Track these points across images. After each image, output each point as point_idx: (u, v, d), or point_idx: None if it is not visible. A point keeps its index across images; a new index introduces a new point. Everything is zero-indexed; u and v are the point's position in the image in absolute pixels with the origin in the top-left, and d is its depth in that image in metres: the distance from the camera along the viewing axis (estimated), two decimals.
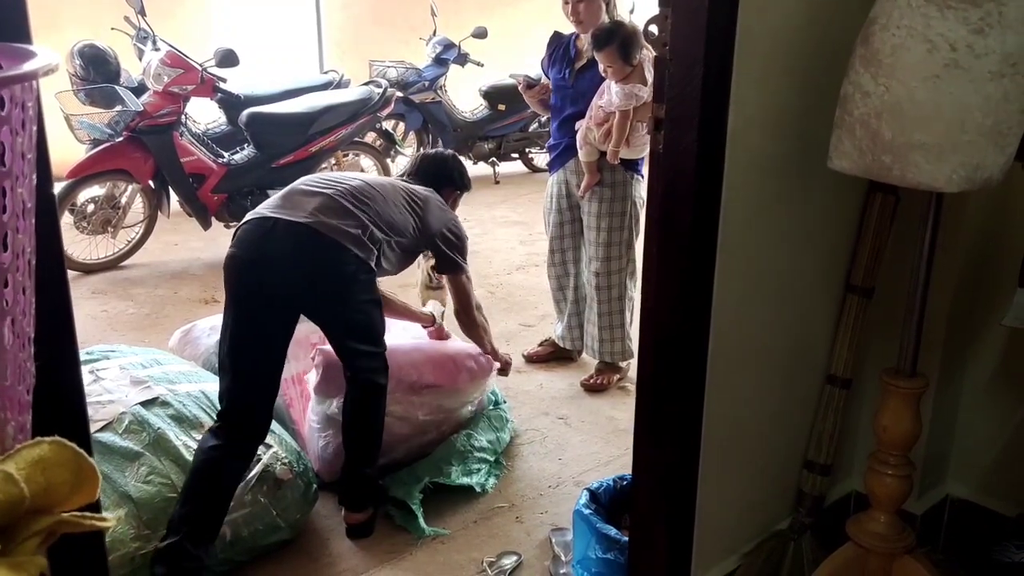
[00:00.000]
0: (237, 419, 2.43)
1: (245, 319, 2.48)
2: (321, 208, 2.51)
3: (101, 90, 4.83)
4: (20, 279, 0.72)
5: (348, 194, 2.59)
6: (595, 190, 3.50)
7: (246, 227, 2.54)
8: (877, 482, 1.78)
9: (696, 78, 1.59)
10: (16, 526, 0.63)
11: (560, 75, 3.53)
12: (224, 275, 2.53)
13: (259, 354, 2.49)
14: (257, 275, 2.47)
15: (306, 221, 2.47)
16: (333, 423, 2.80)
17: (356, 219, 2.55)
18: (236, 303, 2.49)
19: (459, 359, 3.17)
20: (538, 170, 7.67)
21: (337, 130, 5.30)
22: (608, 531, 2.23)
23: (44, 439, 0.67)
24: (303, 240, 2.46)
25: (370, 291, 2.62)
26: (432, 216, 2.84)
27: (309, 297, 2.53)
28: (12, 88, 0.68)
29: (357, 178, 2.76)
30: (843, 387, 2.04)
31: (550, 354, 3.96)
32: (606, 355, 3.65)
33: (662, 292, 1.79)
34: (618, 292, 3.60)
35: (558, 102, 3.60)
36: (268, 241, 2.47)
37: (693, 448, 1.88)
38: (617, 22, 3.33)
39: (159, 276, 5.00)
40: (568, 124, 3.53)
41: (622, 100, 3.30)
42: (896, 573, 1.82)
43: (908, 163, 1.42)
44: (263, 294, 2.47)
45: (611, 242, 3.52)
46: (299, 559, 2.58)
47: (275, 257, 2.46)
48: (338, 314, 2.59)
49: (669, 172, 1.71)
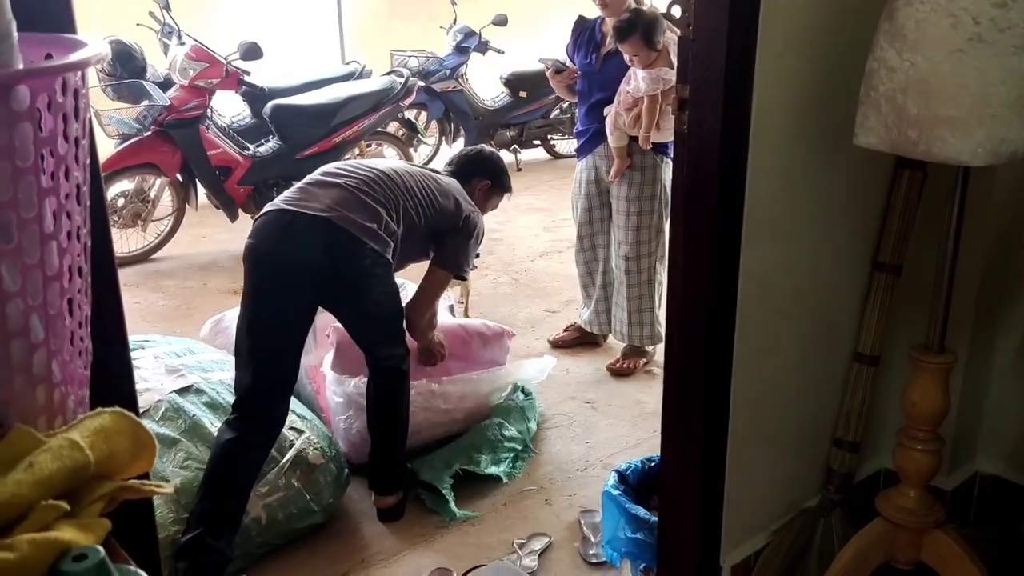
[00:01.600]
0: (254, 410, 2.44)
1: (263, 310, 2.48)
2: (337, 201, 2.50)
3: (128, 85, 4.90)
4: (77, 260, 0.76)
5: (365, 185, 2.57)
6: (625, 174, 3.50)
7: (264, 219, 2.54)
8: (906, 457, 1.79)
9: (720, 57, 1.60)
10: (82, 491, 0.66)
11: (586, 60, 3.53)
12: (244, 267, 2.55)
13: (277, 345, 2.50)
14: (274, 267, 2.48)
15: (322, 214, 2.46)
16: (353, 403, 2.83)
17: (372, 211, 2.53)
18: (254, 294, 2.50)
19: (469, 327, 3.20)
20: (560, 156, 7.68)
21: (360, 120, 5.33)
22: (637, 511, 2.25)
23: (104, 409, 0.70)
24: (319, 233, 2.45)
25: (387, 283, 2.61)
26: (451, 203, 2.76)
27: (326, 290, 2.53)
28: (65, 76, 0.71)
29: (376, 166, 2.72)
30: (871, 365, 2.04)
31: (576, 339, 3.98)
32: (635, 339, 3.66)
33: (688, 272, 1.80)
34: (647, 276, 3.60)
35: (585, 87, 3.60)
36: (285, 234, 2.47)
37: (721, 427, 1.89)
38: (636, 10, 3.32)
39: (188, 268, 5.07)
40: (596, 110, 3.53)
41: (649, 85, 3.29)
42: (926, 548, 1.82)
43: (934, 138, 1.43)
44: (281, 286, 2.47)
45: (640, 226, 3.53)
46: (332, 542, 2.62)
47: (292, 250, 2.46)
48: (355, 307, 2.60)
49: (694, 152, 1.72)
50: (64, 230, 0.73)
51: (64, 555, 0.61)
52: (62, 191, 0.73)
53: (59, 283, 0.73)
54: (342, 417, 2.89)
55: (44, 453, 0.64)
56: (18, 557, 0.59)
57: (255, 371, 2.45)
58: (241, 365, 2.49)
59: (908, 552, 1.84)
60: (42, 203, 0.69)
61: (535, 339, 4.04)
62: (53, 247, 0.71)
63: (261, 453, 2.44)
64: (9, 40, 0.67)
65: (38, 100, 0.67)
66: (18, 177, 0.66)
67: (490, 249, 5.22)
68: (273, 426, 2.48)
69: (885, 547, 1.86)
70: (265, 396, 2.46)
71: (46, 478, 0.63)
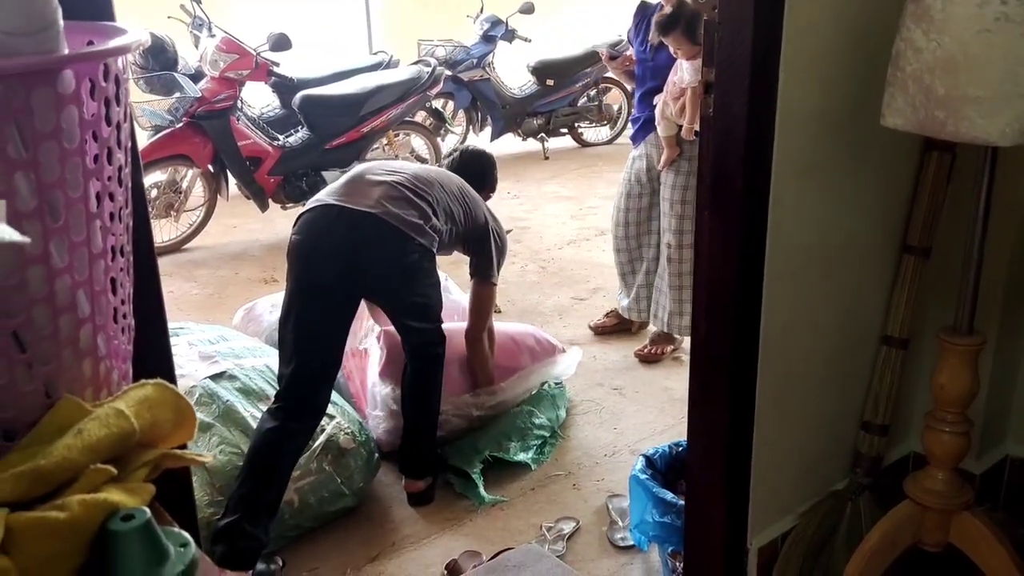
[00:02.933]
0: (298, 402, 2.47)
1: (310, 306, 2.51)
2: (385, 197, 2.55)
3: (160, 78, 4.97)
4: (120, 239, 0.79)
5: (409, 182, 2.63)
6: (674, 163, 3.48)
7: (309, 215, 2.57)
8: (934, 439, 1.79)
9: (745, 40, 1.60)
10: (127, 457, 0.69)
11: (641, 47, 3.53)
12: (288, 261, 2.57)
13: (324, 339, 2.53)
14: (322, 263, 2.51)
15: (371, 210, 2.50)
16: (387, 408, 2.88)
17: (419, 208, 2.59)
18: (301, 290, 2.53)
19: (519, 339, 3.22)
20: (588, 145, 7.67)
21: (388, 110, 5.37)
22: (664, 495, 2.26)
23: (148, 381, 0.73)
24: (368, 229, 2.49)
25: (432, 276, 2.68)
26: (480, 211, 2.88)
27: (373, 283, 2.58)
28: (107, 61, 0.74)
29: (414, 167, 2.80)
30: (900, 348, 2.04)
31: (616, 325, 3.98)
32: (675, 328, 3.63)
33: (715, 255, 1.81)
34: (690, 266, 3.57)
35: (640, 74, 3.60)
36: (333, 229, 2.50)
37: (747, 411, 1.90)
38: (679, 3, 3.29)
39: (220, 257, 5.14)
40: (648, 97, 3.53)
41: (693, 76, 3.28)
42: (954, 530, 1.82)
43: (961, 118, 1.42)
44: (328, 281, 2.50)
45: (685, 215, 3.51)
46: (363, 525, 2.66)
47: (340, 245, 2.50)
48: (401, 299, 2.65)
49: (719, 136, 1.73)
50: (107, 210, 0.77)
51: (112, 515, 0.64)
52: (105, 173, 0.76)
53: (103, 261, 0.76)
54: (375, 413, 2.93)
55: (92, 421, 0.68)
56: (69, 516, 0.62)
57: (298, 363, 2.48)
58: (284, 357, 2.53)
59: (936, 534, 1.84)
60: (87, 184, 0.72)
61: (563, 327, 4.06)
62: (97, 226, 0.74)
63: (301, 442, 2.48)
64: (55, 27, 0.70)
65: (82, 85, 0.70)
66: (65, 158, 0.69)
67: (518, 237, 5.24)
68: (313, 416, 2.52)
69: (913, 529, 1.86)
70: (307, 387, 2.50)
71: (94, 444, 0.66)
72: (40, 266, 0.70)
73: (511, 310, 4.24)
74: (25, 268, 0.69)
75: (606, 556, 2.51)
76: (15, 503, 0.63)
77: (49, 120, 0.68)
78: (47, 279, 0.70)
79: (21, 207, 0.67)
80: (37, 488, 0.64)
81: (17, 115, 0.66)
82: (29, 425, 0.71)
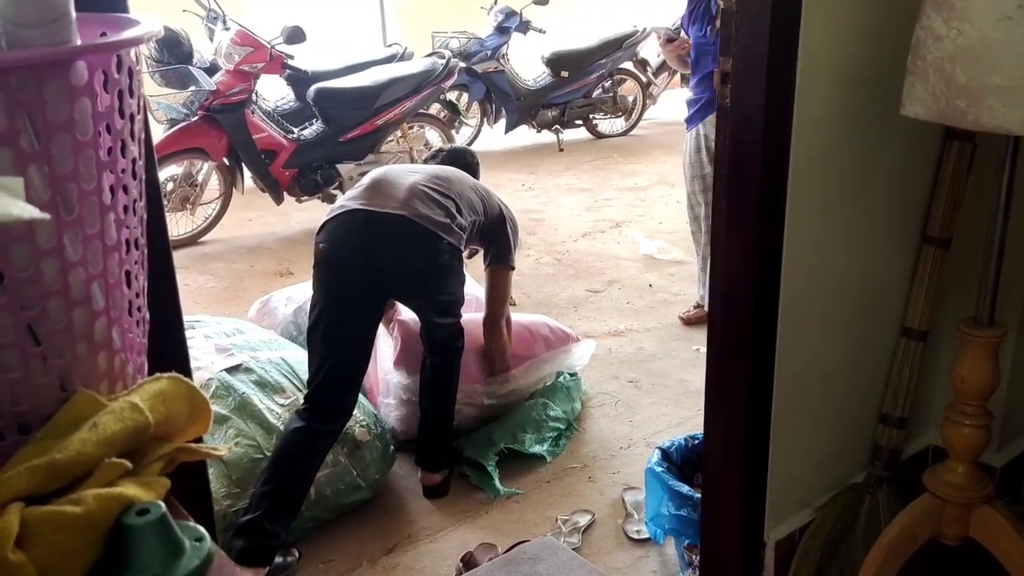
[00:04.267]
0: (326, 404, 2.48)
1: (340, 311, 2.51)
2: (412, 198, 2.54)
3: (176, 71, 4.98)
4: (134, 232, 0.79)
5: (432, 182, 2.63)
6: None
7: (335, 222, 2.55)
8: (954, 432, 1.77)
9: (763, 29, 1.59)
10: (142, 451, 0.69)
11: (701, 33, 3.54)
12: (315, 269, 2.57)
13: (354, 343, 2.54)
14: (350, 269, 2.50)
15: (399, 212, 2.50)
16: (398, 397, 2.89)
17: (444, 207, 2.58)
18: (330, 295, 2.53)
19: (533, 328, 3.21)
20: (603, 136, 7.64)
21: (402, 103, 5.36)
22: (681, 488, 2.25)
23: (163, 375, 0.73)
24: (398, 232, 2.49)
25: (460, 274, 2.69)
26: (494, 199, 2.89)
27: (404, 285, 2.59)
28: (120, 53, 0.74)
29: (428, 167, 2.81)
30: (919, 339, 2.02)
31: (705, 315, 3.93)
32: None
33: (732, 246, 1.80)
34: None
35: (698, 58, 3.61)
36: (361, 235, 2.50)
37: (764, 403, 1.88)
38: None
39: (236, 250, 5.16)
40: (708, 80, 3.52)
41: None
42: (974, 523, 1.80)
43: (983, 107, 1.40)
44: (357, 287, 2.50)
45: None
46: (379, 518, 2.67)
47: (368, 250, 2.49)
48: (429, 298, 2.66)
49: (737, 126, 1.71)
50: (121, 203, 0.76)
51: (128, 510, 0.64)
52: (119, 166, 0.75)
53: (118, 254, 0.75)
54: (387, 401, 2.94)
55: (107, 415, 0.67)
56: (85, 510, 0.62)
57: (329, 367, 2.49)
58: (314, 360, 2.53)
59: (956, 528, 1.82)
60: (101, 176, 0.72)
61: (578, 319, 4.05)
62: (111, 219, 0.74)
63: (327, 443, 2.49)
64: (68, 17, 0.69)
65: (95, 76, 0.70)
66: (78, 150, 0.69)
67: (532, 230, 5.23)
68: (341, 417, 2.53)
69: (932, 523, 1.84)
70: (336, 389, 2.51)
71: (109, 438, 0.66)
72: (54, 259, 0.69)
73: (525, 302, 4.24)
74: (39, 261, 0.69)
75: (622, 549, 2.51)
76: (30, 497, 0.63)
77: (62, 112, 0.67)
78: (61, 272, 0.70)
79: (34, 199, 0.67)
80: (52, 482, 0.64)
81: (29, 107, 0.66)
82: (44, 418, 0.70)
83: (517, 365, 3.07)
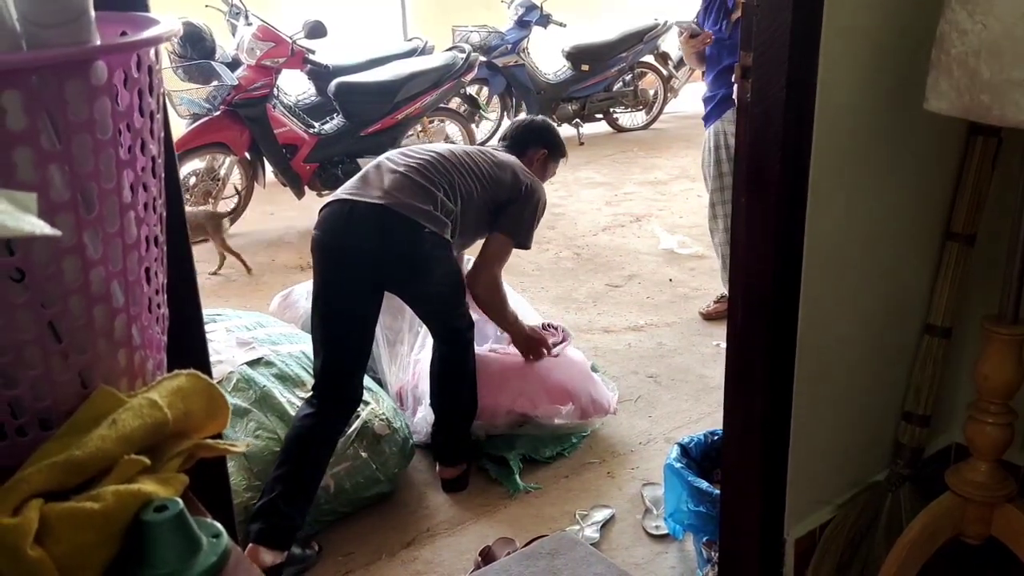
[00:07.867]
0: (331, 392, 2.51)
1: (333, 300, 2.54)
2: (393, 186, 2.53)
3: (198, 66, 5.01)
4: (154, 230, 0.79)
5: (421, 168, 2.60)
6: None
7: (327, 210, 2.58)
8: (977, 431, 1.75)
9: (784, 24, 1.57)
10: (161, 448, 0.70)
11: (716, 27, 3.52)
12: (312, 257, 2.60)
13: (349, 333, 2.55)
14: (340, 257, 2.53)
15: (379, 201, 2.50)
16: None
17: (427, 193, 2.55)
18: (324, 284, 2.56)
19: (573, 388, 2.98)
20: (623, 130, 7.61)
21: (422, 97, 5.37)
22: (700, 484, 2.25)
23: (181, 371, 0.74)
24: (378, 220, 2.48)
25: (447, 264, 2.62)
26: (507, 175, 2.76)
27: (390, 275, 2.57)
28: (140, 52, 0.74)
29: (432, 148, 2.74)
30: (943, 336, 2.00)
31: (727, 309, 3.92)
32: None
33: (752, 241, 1.79)
34: None
35: (714, 53, 3.58)
36: (348, 224, 2.51)
37: (784, 400, 1.87)
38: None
39: (257, 244, 5.19)
40: (725, 75, 3.50)
41: None
42: (997, 522, 1.79)
43: (1007, 102, 1.38)
44: (347, 275, 2.52)
45: None
46: (398, 511, 2.68)
47: (354, 239, 2.51)
48: (420, 291, 2.64)
49: (758, 121, 1.70)
50: (141, 201, 0.77)
51: (146, 506, 0.65)
52: (139, 164, 0.76)
53: (137, 251, 0.76)
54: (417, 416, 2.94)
55: (126, 412, 0.68)
56: (103, 507, 0.62)
57: (326, 356, 2.53)
58: (317, 350, 2.57)
59: (978, 527, 1.81)
60: (121, 175, 0.73)
61: (597, 314, 4.04)
62: (131, 217, 0.75)
63: (335, 429, 2.51)
64: (87, 16, 0.70)
65: (115, 75, 0.70)
66: (99, 149, 0.70)
67: (551, 224, 5.22)
68: (346, 405, 2.55)
69: (954, 522, 1.82)
70: (336, 379, 2.53)
71: (128, 434, 0.66)
72: (75, 257, 0.70)
73: (544, 297, 4.23)
74: (60, 259, 0.69)
75: (640, 544, 2.50)
76: (50, 493, 0.64)
77: (82, 111, 0.68)
78: (82, 270, 0.71)
79: (55, 198, 0.68)
80: (72, 478, 0.65)
81: (50, 107, 0.66)
82: (66, 414, 0.71)
83: (537, 407, 2.90)
